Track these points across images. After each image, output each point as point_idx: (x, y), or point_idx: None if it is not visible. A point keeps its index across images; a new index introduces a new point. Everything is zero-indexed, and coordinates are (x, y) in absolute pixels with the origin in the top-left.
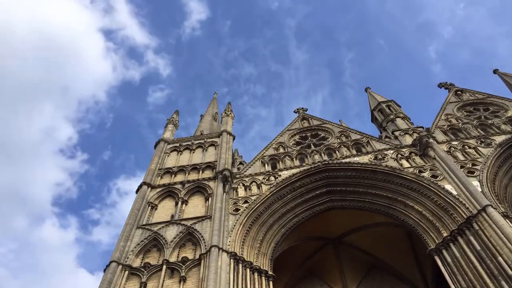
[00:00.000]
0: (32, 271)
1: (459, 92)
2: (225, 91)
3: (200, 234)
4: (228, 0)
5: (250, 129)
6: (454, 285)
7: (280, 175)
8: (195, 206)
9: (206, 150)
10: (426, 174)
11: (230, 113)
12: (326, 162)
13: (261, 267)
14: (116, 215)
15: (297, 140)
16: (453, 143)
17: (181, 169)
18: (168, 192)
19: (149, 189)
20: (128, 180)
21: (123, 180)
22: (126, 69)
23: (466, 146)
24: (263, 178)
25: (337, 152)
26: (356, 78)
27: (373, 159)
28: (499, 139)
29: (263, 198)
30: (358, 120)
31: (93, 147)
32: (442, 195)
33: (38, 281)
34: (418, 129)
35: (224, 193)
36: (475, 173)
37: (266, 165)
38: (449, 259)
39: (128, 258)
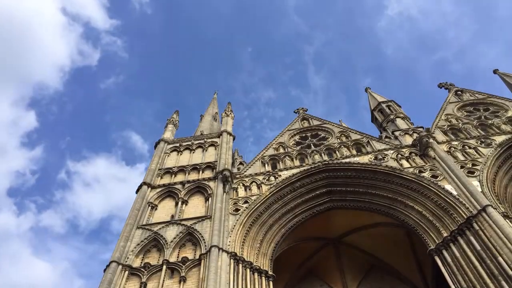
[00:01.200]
0: None
1: (459, 92)
2: (245, 114)
3: (200, 234)
4: (249, 28)
5: None
6: (454, 285)
7: (280, 175)
8: (195, 206)
9: (206, 150)
10: (426, 174)
11: (230, 113)
12: (326, 162)
13: (261, 267)
14: (68, 199)
15: (297, 140)
16: (453, 143)
17: (181, 169)
18: (168, 192)
19: (149, 189)
20: (78, 163)
21: (77, 165)
22: (83, 53)
23: (466, 146)
24: (263, 178)
25: (337, 152)
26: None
27: (373, 159)
28: (499, 139)
29: (263, 198)
30: (358, 120)
31: (50, 135)
32: (442, 195)
33: None
34: (418, 129)
35: (224, 193)
36: (475, 173)
37: (266, 165)
38: (449, 259)
39: (128, 258)
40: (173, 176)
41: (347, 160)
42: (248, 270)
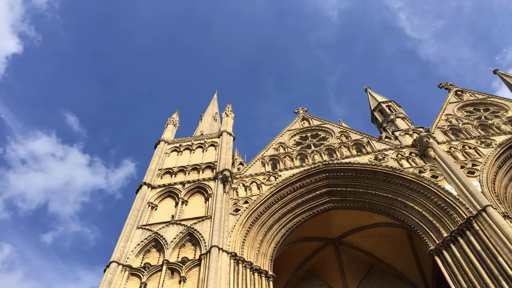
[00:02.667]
0: None
1: (459, 92)
2: (267, 141)
3: (200, 234)
4: (271, 59)
5: None
6: (455, 285)
7: (280, 176)
8: (195, 206)
9: (206, 150)
10: (426, 174)
11: (230, 114)
12: (326, 162)
13: (261, 267)
14: (7, 178)
15: (297, 140)
16: (453, 143)
17: (181, 169)
18: (168, 192)
19: (149, 189)
20: (15, 141)
21: (13, 143)
22: (26, 32)
23: (466, 147)
24: (263, 178)
25: (337, 152)
26: None
27: (373, 159)
28: (499, 139)
29: (263, 199)
30: (358, 120)
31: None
32: (442, 196)
33: None
34: (418, 129)
35: (224, 193)
36: (475, 173)
37: (266, 165)
38: (449, 260)
39: (128, 258)
40: (173, 176)
41: (347, 160)
42: (248, 270)
